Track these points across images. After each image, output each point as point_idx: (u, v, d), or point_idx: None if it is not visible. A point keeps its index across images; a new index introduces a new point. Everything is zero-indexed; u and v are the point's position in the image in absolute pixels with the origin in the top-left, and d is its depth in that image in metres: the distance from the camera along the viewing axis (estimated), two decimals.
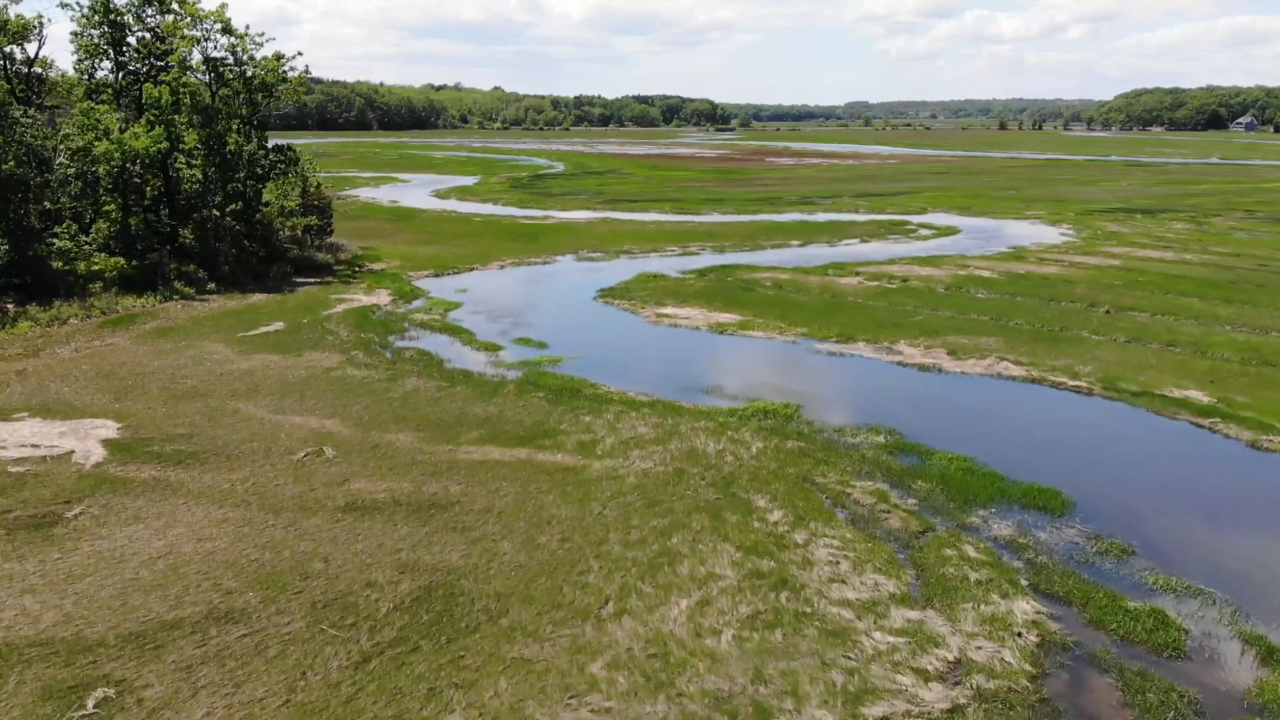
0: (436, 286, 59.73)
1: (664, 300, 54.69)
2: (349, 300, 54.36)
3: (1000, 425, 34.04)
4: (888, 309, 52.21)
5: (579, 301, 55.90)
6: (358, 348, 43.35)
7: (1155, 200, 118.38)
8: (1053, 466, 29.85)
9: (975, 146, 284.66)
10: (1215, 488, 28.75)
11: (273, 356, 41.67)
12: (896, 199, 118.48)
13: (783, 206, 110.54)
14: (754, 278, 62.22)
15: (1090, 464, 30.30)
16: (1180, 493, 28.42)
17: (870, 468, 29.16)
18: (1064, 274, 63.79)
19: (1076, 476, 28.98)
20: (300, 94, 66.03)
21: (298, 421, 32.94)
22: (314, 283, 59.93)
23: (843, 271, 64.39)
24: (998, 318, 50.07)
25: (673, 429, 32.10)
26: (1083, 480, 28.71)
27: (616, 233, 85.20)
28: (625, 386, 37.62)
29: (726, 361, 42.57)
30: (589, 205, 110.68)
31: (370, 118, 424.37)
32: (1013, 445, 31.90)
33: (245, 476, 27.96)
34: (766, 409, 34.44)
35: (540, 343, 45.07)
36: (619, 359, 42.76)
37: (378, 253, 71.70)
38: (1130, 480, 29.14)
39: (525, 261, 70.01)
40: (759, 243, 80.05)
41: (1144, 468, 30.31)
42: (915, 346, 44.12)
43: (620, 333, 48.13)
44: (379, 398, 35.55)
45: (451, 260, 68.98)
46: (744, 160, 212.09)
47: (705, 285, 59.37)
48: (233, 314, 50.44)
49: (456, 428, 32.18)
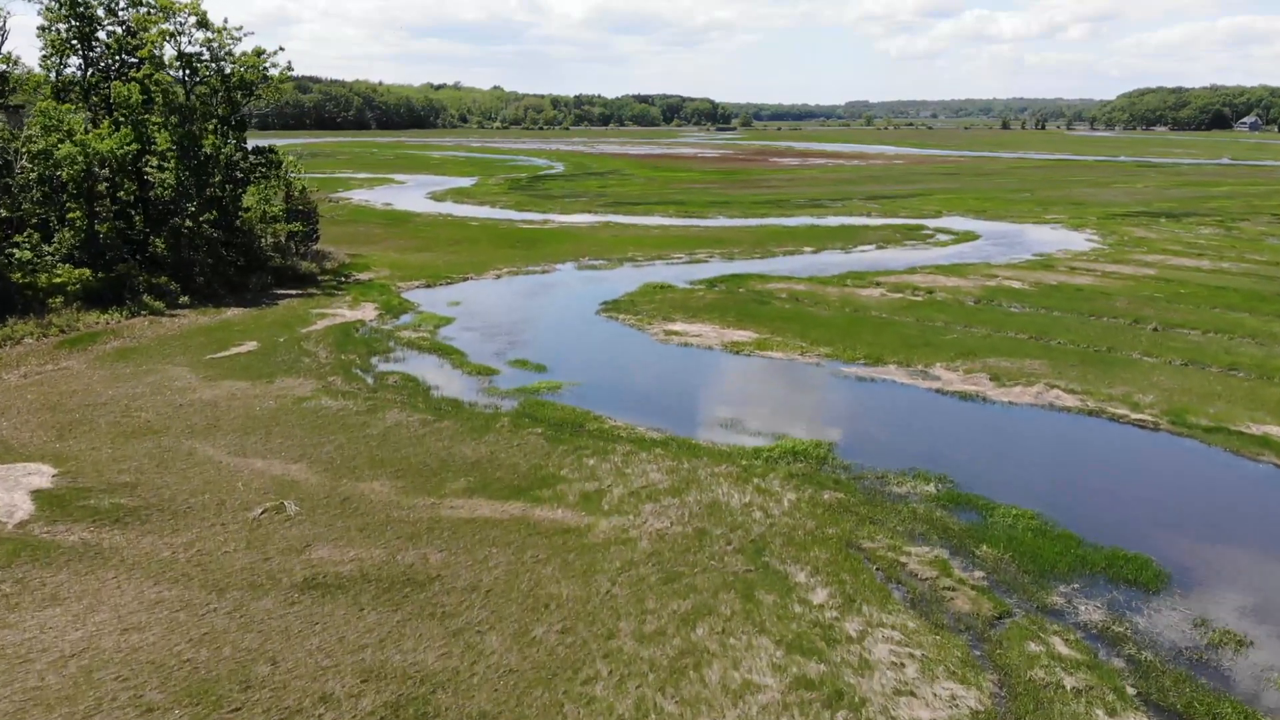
0: (427, 299, 55.52)
1: (673, 315, 50.50)
2: (331, 315, 50.13)
3: (1064, 469, 29.82)
4: (916, 325, 48.00)
5: (581, 316, 51.69)
6: (336, 372, 39.14)
7: (1176, 203, 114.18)
8: (1133, 524, 25.67)
9: (981, 146, 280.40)
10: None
11: (240, 383, 37.45)
12: (909, 201, 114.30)
13: (791, 209, 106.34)
14: (768, 289, 58.01)
15: (1175, 520, 26.12)
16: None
17: (924, 527, 24.96)
18: (1099, 285, 59.58)
19: (1163, 538, 24.80)
20: (283, 92, 61.74)
21: (259, 466, 28.73)
22: (296, 294, 55.70)
23: (862, 282, 60.17)
24: (1038, 336, 45.87)
25: (690, 475, 27.90)
26: (1172, 543, 24.53)
27: (619, 238, 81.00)
28: (634, 419, 33.44)
29: (745, 388, 38.36)
30: (590, 208, 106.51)
31: (368, 117, 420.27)
32: (1082, 496, 27.70)
33: (191, 540, 23.75)
34: (796, 449, 30.23)
35: (538, 365, 40.88)
36: (626, 385, 38.56)
37: (367, 261, 67.48)
38: (1225, 542, 24.94)
39: (523, 270, 65.82)
40: (769, 249, 75.84)
41: (1236, 526, 26.10)
42: (953, 370, 39.91)
43: (626, 353, 43.94)
44: (355, 435, 31.34)
45: (445, 269, 64.76)
46: (747, 160, 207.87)
47: (716, 297, 55.16)
48: (203, 332, 46.21)
49: (441, 474, 27.97)
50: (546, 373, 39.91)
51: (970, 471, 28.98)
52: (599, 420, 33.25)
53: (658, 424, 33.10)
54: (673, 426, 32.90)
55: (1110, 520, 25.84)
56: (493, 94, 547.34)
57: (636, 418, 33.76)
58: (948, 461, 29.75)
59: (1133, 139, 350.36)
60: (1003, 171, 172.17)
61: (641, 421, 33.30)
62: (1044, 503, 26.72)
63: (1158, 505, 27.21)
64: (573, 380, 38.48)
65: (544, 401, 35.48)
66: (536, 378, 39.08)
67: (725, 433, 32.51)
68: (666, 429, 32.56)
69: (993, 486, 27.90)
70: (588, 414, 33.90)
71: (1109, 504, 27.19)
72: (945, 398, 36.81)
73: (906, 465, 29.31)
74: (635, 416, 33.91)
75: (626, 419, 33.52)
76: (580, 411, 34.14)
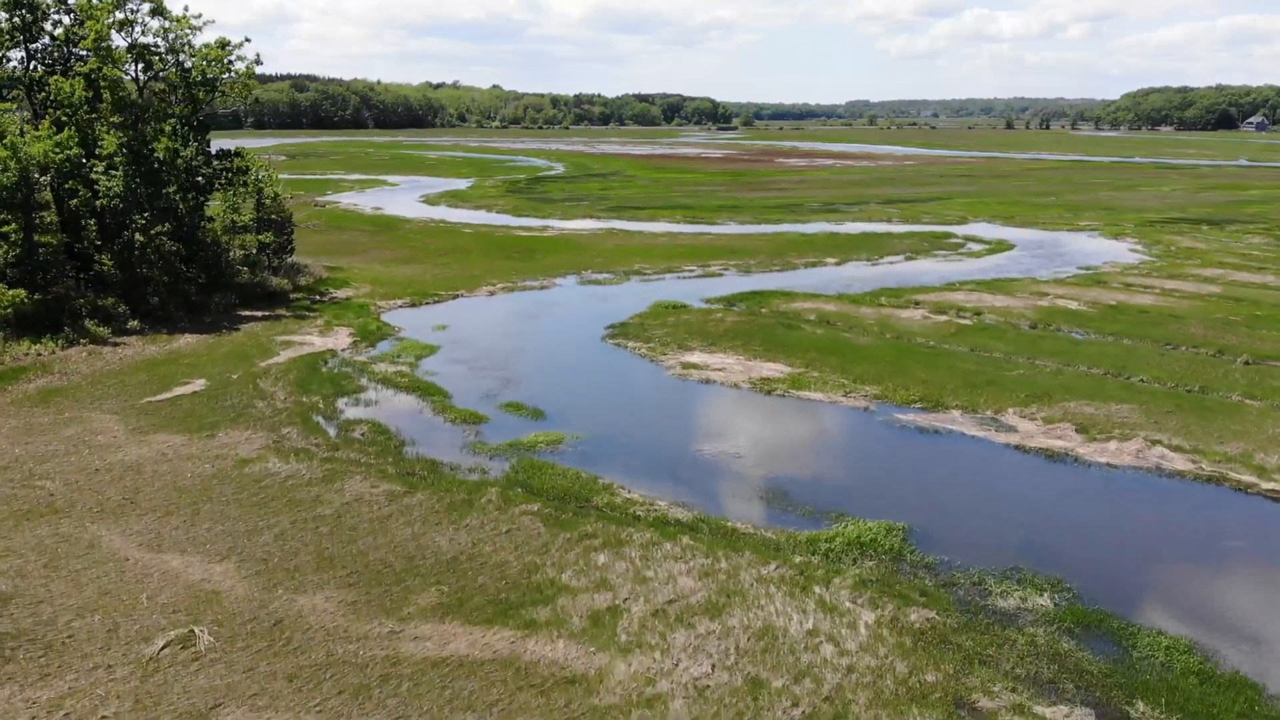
0: (411, 321, 49.09)
1: (689, 342, 44.10)
2: (299, 343, 43.69)
3: (1204, 569, 23.41)
4: (972, 357, 41.60)
5: (585, 343, 45.29)
6: (293, 421, 32.72)
7: (1213, 209, 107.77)
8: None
9: (989, 147, 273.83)
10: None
11: (176, 438, 31.02)
12: (928, 206, 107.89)
13: (806, 215, 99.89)
14: (794, 309, 51.61)
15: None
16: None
17: (1051, 669, 18.55)
18: (1165, 306, 53.17)
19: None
20: (251, 89, 55.32)
21: (174, 566, 22.32)
22: (262, 317, 49.24)
23: (899, 301, 53.76)
24: (1116, 372, 39.47)
25: (730, 580, 21.49)
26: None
27: (625, 248, 74.56)
28: (652, 488, 27.11)
29: (784, 443, 31.94)
30: (592, 213, 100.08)
31: (366, 117, 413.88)
32: (1238, 612, 21.31)
33: (59, 697, 17.37)
34: (861, 538, 23.82)
35: (535, 410, 34.47)
36: (640, 439, 32.14)
37: (346, 275, 61.05)
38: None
39: (520, 285, 59.41)
40: (789, 261, 69.41)
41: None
42: (1030, 419, 33.49)
43: (639, 394, 37.56)
44: (303, 516, 24.92)
45: (432, 285, 58.34)
46: (753, 161, 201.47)
47: (737, 320, 48.73)
48: (147, 366, 39.78)
49: (406, 580, 21.56)
50: (545, 420, 33.52)
51: (1089, 572, 22.58)
52: (609, 490, 26.86)
53: (682, 495, 26.74)
54: (701, 499, 26.54)
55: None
56: (492, 93, 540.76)
57: (655, 486, 27.40)
58: (1056, 555, 23.36)
59: (1141, 139, 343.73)
60: (1019, 173, 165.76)
61: (662, 492, 26.94)
62: (1194, 623, 20.36)
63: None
64: (576, 431, 32.08)
65: (541, 463, 29.06)
66: (533, 427, 32.69)
67: (767, 509, 26.10)
68: (693, 503, 26.19)
69: (1123, 596, 21.53)
70: (595, 481, 27.51)
71: (1274, 624, 20.81)
72: (1028, 457, 30.40)
73: (1006, 562, 22.91)
74: (654, 484, 27.56)
75: (643, 488, 27.15)
76: (586, 478, 27.75)
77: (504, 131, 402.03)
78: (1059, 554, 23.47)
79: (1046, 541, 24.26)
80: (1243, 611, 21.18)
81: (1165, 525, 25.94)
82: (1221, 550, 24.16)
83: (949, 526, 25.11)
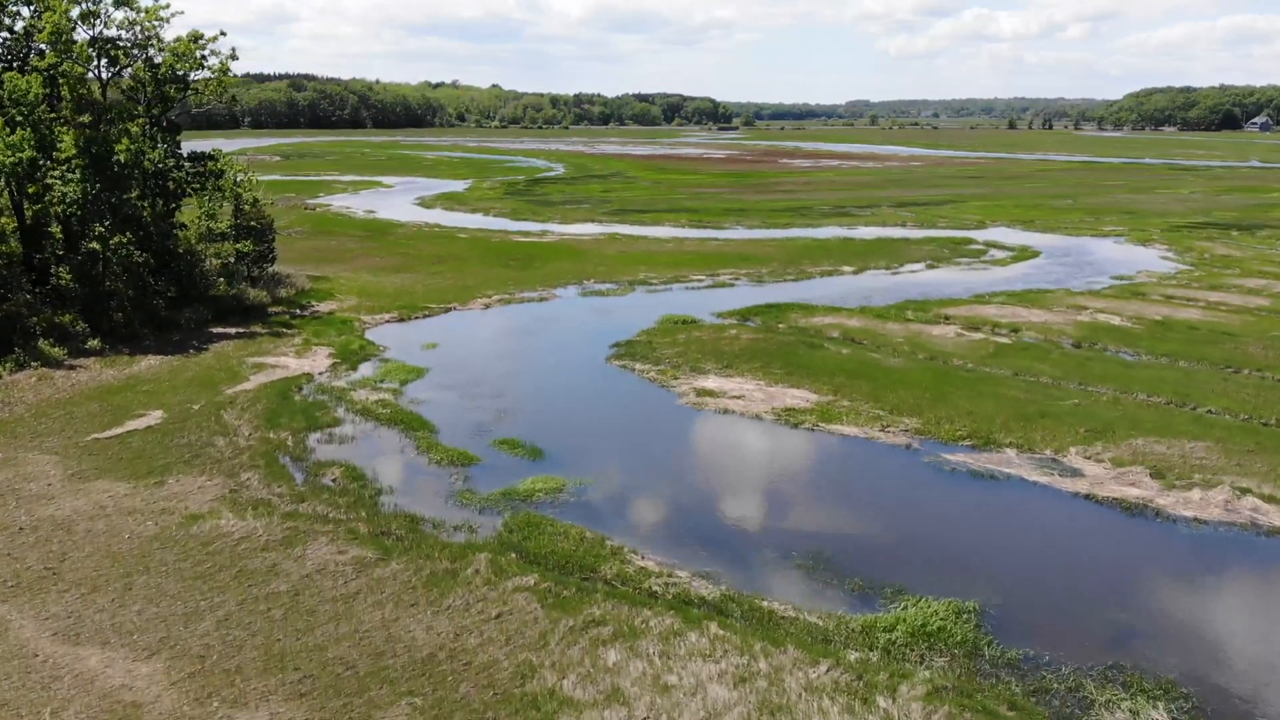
0: (398, 339, 45.02)
1: (703, 364, 40.06)
2: (272, 365, 39.61)
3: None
4: (1019, 383, 37.54)
5: (587, 365, 41.24)
6: (255, 463, 28.65)
7: (1238, 213, 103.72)
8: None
9: (994, 147, 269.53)
10: None
11: (119, 486, 26.95)
12: (943, 209, 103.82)
13: (816, 219, 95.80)
14: (814, 324, 47.55)
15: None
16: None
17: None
18: (1214, 321, 49.11)
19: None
20: (227, 86, 51.22)
21: (92, 666, 18.25)
22: (235, 335, 45.16)
23: (927, 315, 49.69)
24: (1180, 401, 35.42)
25: (773, 688, 17.42)
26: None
27: (628, 254, 70.49)
28: (669, 552, 23.09)
29: (820, 491, 27.89)
30: (593, 216, 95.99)
31: (364, 116, 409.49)
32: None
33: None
34: (928, 625, 19.73)
35: (533, 449, 30.40)
36: (652, 485, 28.08)
37: (331, 286, 56.96)
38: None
39: (517, 297, 55.34)
40: (803, 269, 65.33)
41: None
42: (1096, 460, 29.43)
43: (650, 428, 33.49)
44: (253, 595, 20.84)
45: (423, 296, 54.27)
46: (756, 162, 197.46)
47: (753, 338, 44.66)
48: (100, 394, 35.69)
49: (370, 689, 17.48)
50: (543, 461, 29.48)
51: (1205, 670, 18.53)
52: (619, 556, 22.80)
53: (705, 562, 22.69)
54: (727, 567, 22.49)
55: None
56: (491, 92, 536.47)
57: (672, 549, 23.37)
58: (1162, 646, 19.32)
59: (1147, 139, 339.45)
60: (1030, 175, 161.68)
61: (681, 557, 22.90)
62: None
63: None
64: (579, 475, 28.02)
65: (539, 518, 24.98)
66: (530, 470, 28.64)
67: (808, 582, 22.03)
68: (719, 572, 22.14)
69: (1250, 704, 17.46)
70: (602, 543, 23.45)
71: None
72: (1101, 509, 26.34)
73: (1104, 657, 18.86)
74: (671, 546, 23.53)
75: (659, 553, 23.11)
76: (591, 539, 23.68)
77: (503, 131, 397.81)
78: (1165, 644, 19.42)
79: (1146, 626, 20.21)
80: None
81: (1273, 596, 21.89)
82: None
83: (1027, 606, 21.03)
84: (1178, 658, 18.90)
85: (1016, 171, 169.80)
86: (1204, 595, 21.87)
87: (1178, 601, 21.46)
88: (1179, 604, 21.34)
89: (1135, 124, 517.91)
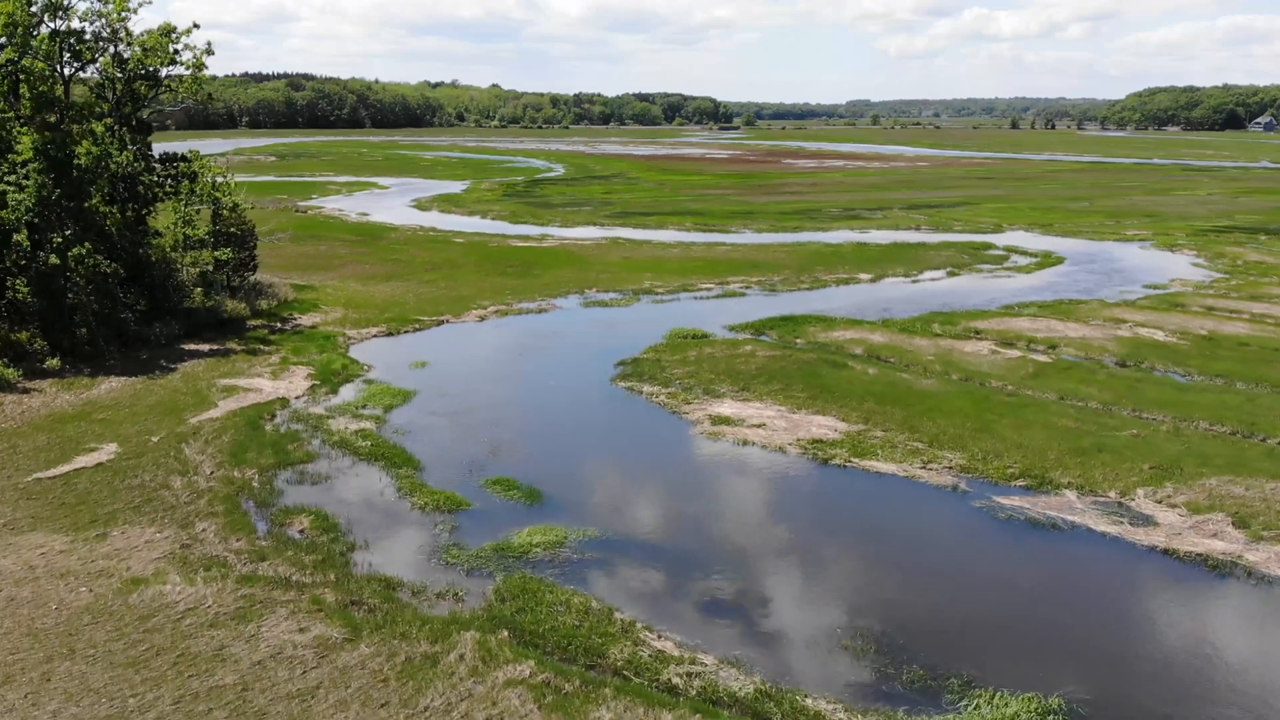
0: (384, 356, 41.54)
1: (716, 385, 36.59)
2: (245, 389, 36.12)
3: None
4: (1067, 409, 34.02)
5: (591, 387, 37.76)
6: (214, 510, 25.16)
7: (1262, 216, 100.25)
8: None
9: (1001, 147, 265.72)
10: None
11: (56, 539, 23.46)
12: (956, 212, 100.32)
13: (826, 221, 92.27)
14: (834, 339, 44.08)
15: None
16: None
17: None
18: (1265, 337, 45.61)
19: None
20: (202, 83, 47.70)
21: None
22: (208, 352, 41.68)
23: (956, 329, 46.22)
24: (1245, 429, 31.94)
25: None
26: None
27: (632, 260, 67.00)
28: (690, 630, 19.67)
29: (860, 547, 24.36)
30: (595, 219, 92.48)
31: (363, 115, 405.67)
32: None
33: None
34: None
35: (530, 490, 26.92)
36: (667, 538, 24.59)
37: (317, 296, 53.48)
38: None
39: (515, 308, 51.88)
40: (817, 276, 61.84)
41: None
42: (1168, 505, 25.93)
43: (661, 465, 29.99)
44: (194, 690, 17.35)
45: (414, 308, 50.80)
46: (760, 162, 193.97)
47: (770, 356, 41.18)
48: (52, 424, 32.19)
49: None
50: (542, 506, 26.01)
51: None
52: (631, 635, 19.32)
53: (733, 643, 19.23)
54: (761, 651, 19.03)
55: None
56: (491, 92, 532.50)
57: (695, 626, 19.91)
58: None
59: (1152, 139, 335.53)
60: (1041, 176, 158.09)
61: (705, 637, 19.43)
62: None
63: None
64: (583, 525, 24.55)
65: (537, 583, 21.48)
66: (527, 517, 25.18)
67: (858, 671, 18.52)
68: (751, 660, 18.66)
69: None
70: (610, 617, 19.96)
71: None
72: (1185, 567, 22.86)
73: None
74: (692, 621, 20.07)
75: (678, 629, 19.65)
76: (599, 612, 20.19)
77: (503, 131, 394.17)
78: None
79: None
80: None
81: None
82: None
83: (1121, 703, 17.52)
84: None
85: (1027, 172, 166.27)
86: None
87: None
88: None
89: (1139, 124, 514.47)
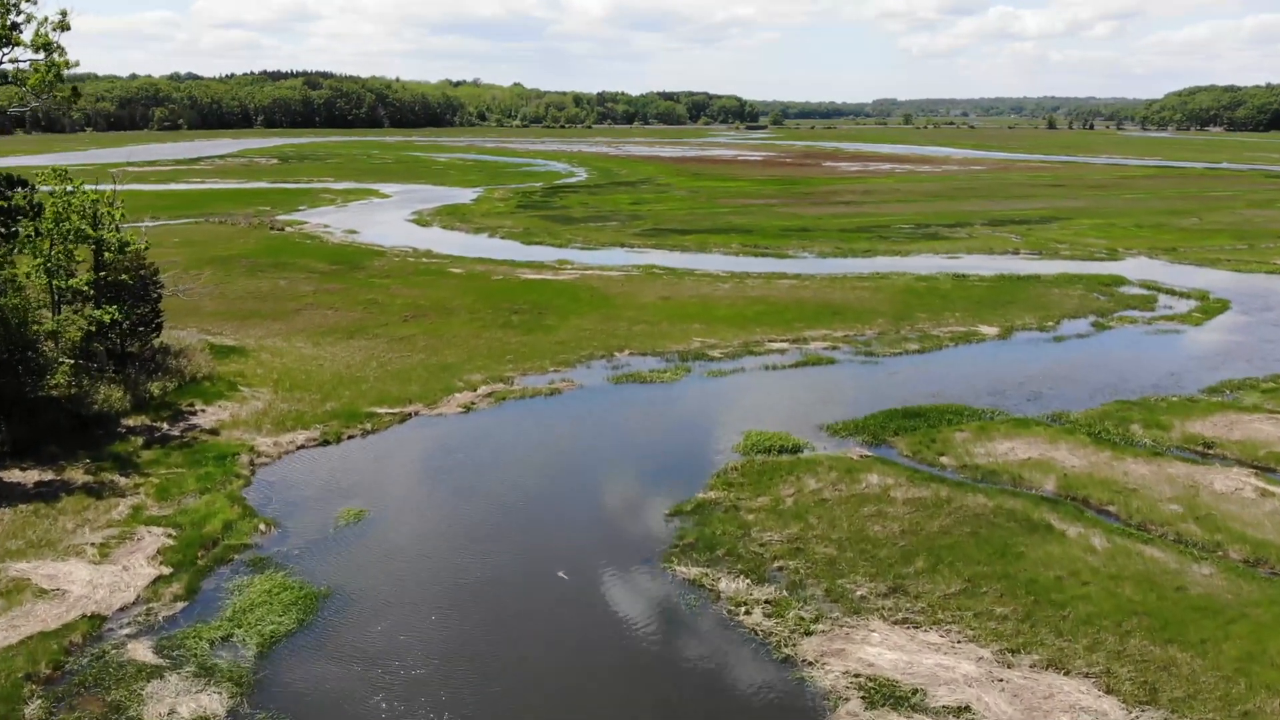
0: (303, 497, 26.43)
1: (847, 583, 21.40)
2: (38, 587, 21.02)
3: None
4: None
5: (627, 582, 22.43)
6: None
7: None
8: None
9: (1050, 149, 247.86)
10: None
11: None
12: (1049, 229, 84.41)
13: (901, 242, 76.50)
14: (1000, 459, 28.71)
15: None
16: None
17: None
18: None
19: None
20: (61, 73, 32.69)
21: None
22: (29, 489, 26.63)
23: (1169, 435, 30.69)
24: None
25: None
26: None
27: (674, 302, 51.70)
28: None
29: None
30: (622, 238, 77.21)
31: (381, 115, 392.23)
32: None
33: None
34: None
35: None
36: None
37: (242, 368, 38.45)
38: None
39: (515, 387, 36.82)
40: (924, 330, 46.32)
41: None
42: None
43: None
44: None
45: (374, 388, 35.74)
46: (798, 165, 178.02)
47: (916, 501, 25.76)
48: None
49: None
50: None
51: None
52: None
53: None
54: None
55: None
56: (513, 91, 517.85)
57: None
58: None
59: (1202, 139, 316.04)
60: (1115, 184, 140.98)
61: None
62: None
63: None
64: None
65: None
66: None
67: None
68: None
69: None
70: None
71: None
72: None
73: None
74: None
75: None
76: None
77: (525, 131, 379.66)
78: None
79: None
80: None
81: None
82: None
83: None
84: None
85: (1097, 179, 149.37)
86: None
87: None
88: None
89: (1180, 124, 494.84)
